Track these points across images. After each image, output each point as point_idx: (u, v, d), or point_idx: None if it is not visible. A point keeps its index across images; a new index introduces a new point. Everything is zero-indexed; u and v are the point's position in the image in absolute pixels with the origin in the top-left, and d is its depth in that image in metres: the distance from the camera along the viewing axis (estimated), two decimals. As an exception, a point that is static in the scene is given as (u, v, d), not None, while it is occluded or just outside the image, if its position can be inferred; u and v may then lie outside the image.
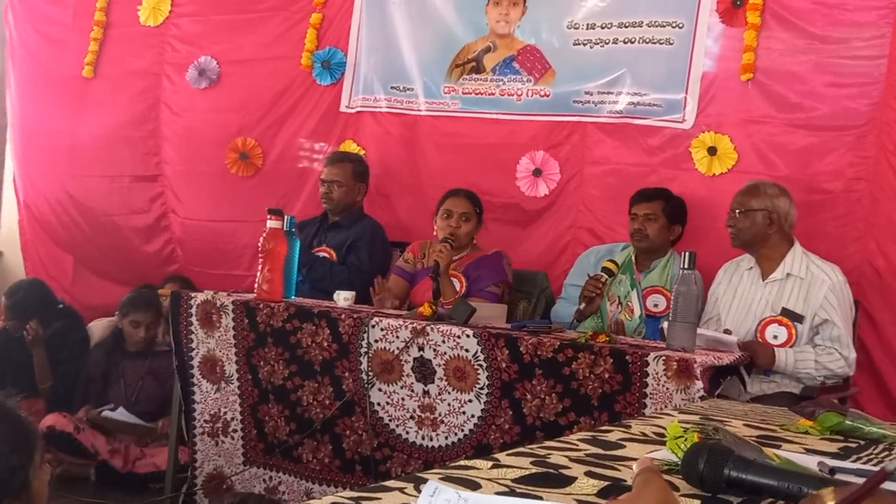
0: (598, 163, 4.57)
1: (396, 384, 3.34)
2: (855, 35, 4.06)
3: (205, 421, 3.73)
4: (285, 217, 3.71)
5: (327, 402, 3.47)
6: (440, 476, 1.23)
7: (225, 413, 3.69)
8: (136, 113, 5.64)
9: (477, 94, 4.81)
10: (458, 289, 4.04)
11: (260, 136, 5.29)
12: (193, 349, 3.71)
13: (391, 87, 5.00)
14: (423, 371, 3.28)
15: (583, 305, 3.72)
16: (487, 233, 4.49)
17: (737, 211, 3.79)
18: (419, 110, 4.94)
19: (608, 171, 4.54)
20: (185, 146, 5.51)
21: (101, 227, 5.74)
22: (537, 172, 4.66)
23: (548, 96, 4.65)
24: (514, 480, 1.25)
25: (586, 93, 4.57)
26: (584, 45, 4.59)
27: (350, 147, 5.02)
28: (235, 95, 5.38)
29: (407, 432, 3.34)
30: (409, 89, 4.96)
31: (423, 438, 3.32)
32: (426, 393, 3.29)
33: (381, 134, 5.03)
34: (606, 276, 3.76)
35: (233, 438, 3.68)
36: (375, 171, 4.94)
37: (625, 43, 4.49)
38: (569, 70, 4.62)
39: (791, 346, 3.63)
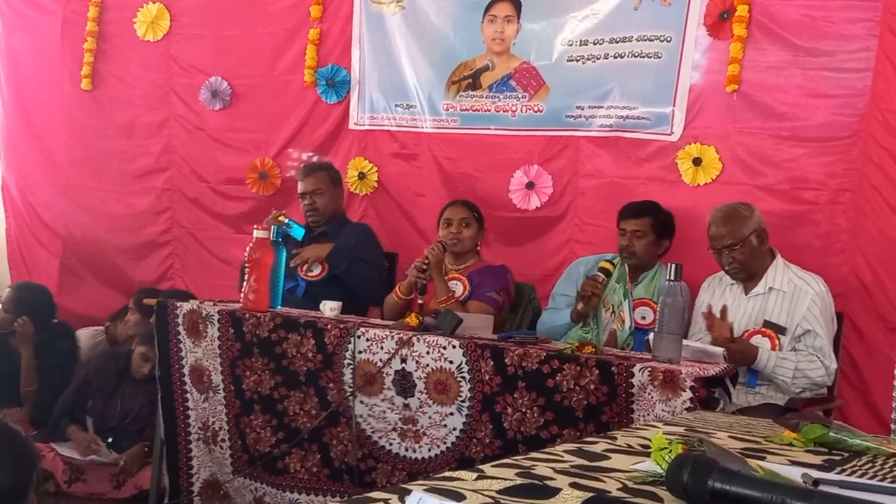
0: (590, 176, 4.60)
1: (377, 397, 3.34)
2: (840, 48, 4.08)
3: (199, 428, 3.72)
4: (272, 227, 3.71)
5: (313, 411, 3.46)
6: (425, 487, 1.23)
7: (213, 423, 3.68)
8: (139, 128, 5.64)
9: (474, 110, 4.86)
10: (460, 292, 4.11)
11: (276, 155, 5.32)
12: (183, 357, 3.70)
13: (395, 105, 5.05)
14: (403, 384, 3.28)
15: (580, 305, 3.72)
16: (484, 245, 4.49)
17: (735, 246, 3.69)
18: (424, 128, 4.98)
19: (599, 184, 4.57)
20: (195, 164, 5.53)
21: (100, 239, 5.73)
22: (530, 185, 4.68)
23: (541, 111, 4.68)
24: (498, 492, 1.25)
25: (578, 107, 4.60)
26: (577, 60, 4.62)
27: (361, 164, 5.08)
28: (245, 114, 5.40)
29: (390, 444, 3.34)
30: (412, 107, 5.00)
31: (406, 450, 3.31)
32: (406, 406, 3.29)
33: (390, 150, 5.08)
34: (604, 276, 3.75)
35: (221, 448, 3.67)
36: (385, 186, 5.03)
37: (615, 58, 4.52)
38: (562, 86, 4.65)
39: None
